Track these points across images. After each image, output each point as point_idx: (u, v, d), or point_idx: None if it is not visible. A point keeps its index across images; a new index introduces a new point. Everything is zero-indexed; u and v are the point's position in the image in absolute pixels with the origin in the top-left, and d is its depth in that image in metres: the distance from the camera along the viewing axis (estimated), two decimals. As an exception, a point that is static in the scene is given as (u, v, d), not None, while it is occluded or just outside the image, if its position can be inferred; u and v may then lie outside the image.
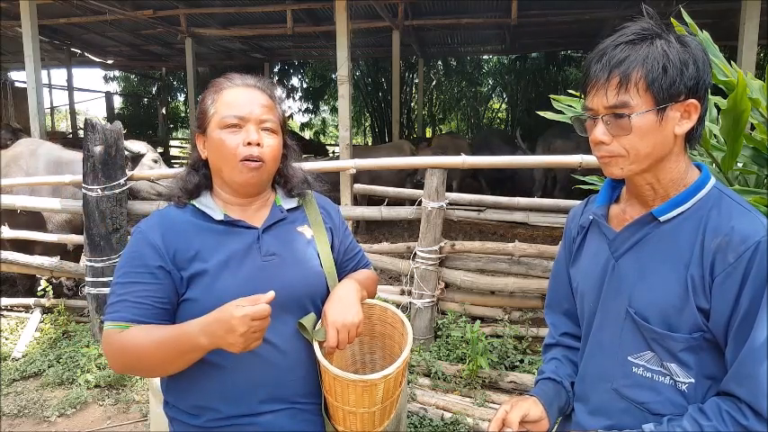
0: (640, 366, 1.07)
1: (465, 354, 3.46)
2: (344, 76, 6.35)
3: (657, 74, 0.96)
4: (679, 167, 1.05)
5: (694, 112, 1.00)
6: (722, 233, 0.97)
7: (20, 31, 7.17)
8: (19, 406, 3.26)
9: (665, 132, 1.00)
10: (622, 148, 1.01)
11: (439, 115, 18.10)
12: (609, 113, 1.00)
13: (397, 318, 1.31)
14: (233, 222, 1.28)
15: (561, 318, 1.34)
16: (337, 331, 1.21)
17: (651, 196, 1.07)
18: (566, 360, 1.29)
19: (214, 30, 10.64)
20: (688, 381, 1.02)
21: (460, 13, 9.53)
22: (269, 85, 1.33)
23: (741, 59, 5.62)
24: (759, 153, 1.65)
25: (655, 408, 1.05)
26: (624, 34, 1.01)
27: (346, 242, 1.45)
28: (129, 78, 20.04)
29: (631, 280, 1.07)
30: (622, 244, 1.10)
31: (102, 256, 3.87)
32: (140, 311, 1.18)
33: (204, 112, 1.28)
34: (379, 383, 1.17)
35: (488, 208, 3.81)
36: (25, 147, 4.76)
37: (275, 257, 1.28)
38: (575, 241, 1.25)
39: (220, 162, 1.26)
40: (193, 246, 1.25)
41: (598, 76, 1.00)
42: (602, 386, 1.14)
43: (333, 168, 4.34)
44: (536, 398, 1.19)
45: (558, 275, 1.33)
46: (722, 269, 0.95)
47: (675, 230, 1.03)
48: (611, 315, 1.11)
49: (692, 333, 0.99)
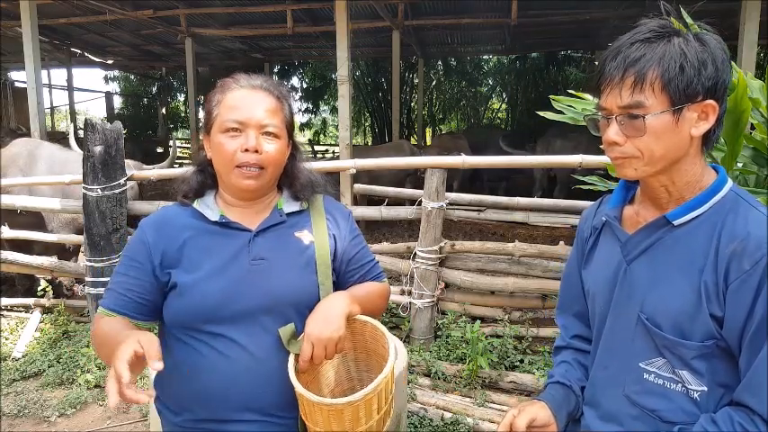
0: (652, 373, 1.04)
1: (465, 354, 3.46)
2: (344, 76, 6.35)
3: (674, 73, 0.93)
4: (695, 170, 1.01)
5: (712, 113, 0.96)
6: (738, 239, 0.93)
7: (20, 31, 7.17)
8: (19, 406, 3.25)
9: (681, 134, 0.96)
10: (636, 150, 0.98)
11: (439, 115, 18.08)
12: (623, 113, 0.97)
13: (385, 339, 1.22)
14: (228, 224, 1.28)
15: (572, 320, 1.31)
16: (312, 345, 1.16)
17: (665, 199, 1.04)
18: (576, 364, 1.26)
19: (214, 30, 10.63)
20: (700, 389, 0.99)
21: (460, 13, 9.52)
22: (276, 85, 1.30)
23: (741, 59, 5.61)
24: (759, 153, 1.65)
25: (666, 415, 1.02)
26: (641, 32, 0.98)
27: (352, 251, 1.38)
28: (129, 78, 20.02)
29: (643, 285, 1.04)
30: (635, 247, 1.07)
31: (102, 256, 3.87)
32: (121, 303, 1.24)
33: (209, 113, 1.27)
34: (344, 408, 1.09)
35: (488, 208, 3.81)
36: (23, 147, 4.75)
37: (264, 262, 1.25)
38: (587, 242, 1.22)
39: (220, 165, 1.26)
40: (184, 246, 1.25)
41: (613, 74, 0.97)
42: (613, 392, 1.11)
43: (333, 168, 4.34)
44: (544, 402, 1.16)
45: (570, 277, 1.29)
46: (737, 276, 0.92)
47: (689, 235, 1.00)
48: (622, 320, 1.08)
49: (705, 341, 0.96)
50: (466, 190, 4.65)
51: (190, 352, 1.23)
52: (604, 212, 1.17)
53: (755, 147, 1.64)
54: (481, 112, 17.72)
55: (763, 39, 6.61)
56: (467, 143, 9.14)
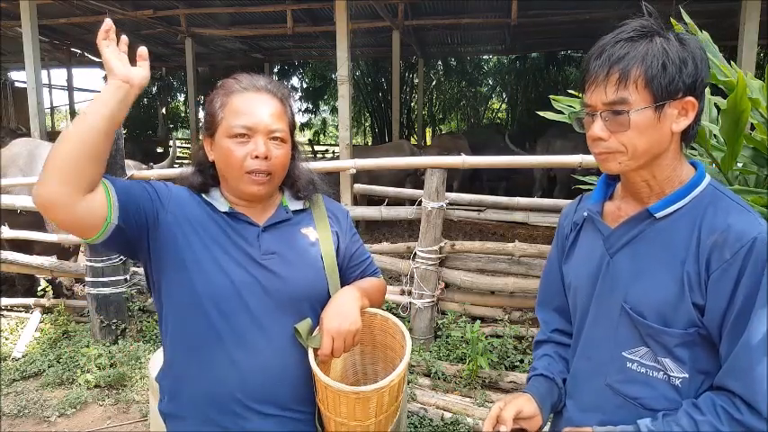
0: (635, 362, 1.07)
1: (465, 354, 3.46)
2: (344, 76, 6.35)
3: (657, 71, 0.97)
4: (675, 165, 1.06)
5: (692, 109, 1.01)
6: (718, 230, 0.98)
7: (20, 31, 7.17)
8: (19, 406, 3.26)
9: (663, 129, 1.00)
10: (620, 145, 1.01)
11: (439, 115, 18.08)
12: (607, 110, 1.00)
13: (398, 329, 1.27)
14: (236, 216, 1.27)
15: (552, 314, 1.35)
16: (332, 339, 1.18)
17: (647, 193, 1.08)
18: (557, 357, 1.29)
19: (214, 30, 10.63)
20: (682, 376, 1.03)
21: (460, 13, 9.53)
22: (279, 87, 1.30)
23: (741, 59, 5.61)
24: (759, 153, 1.65)
25: (648, 403, 1.06)
26: (624, 31, 1.01)
27: (353, 248, 1.41)
28: (129, 78, 20.00)
29: (627, 276, 1.08)
30: (618, 240, 1.10)
31: (102, 256, 3.87)
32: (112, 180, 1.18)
33: (212, 115, 1.26)
34: (371, 396, 1.13)
35: (488, 208, 3.81)
36: (23, 147, 4.75)
37: (275, 256, 1.26)
38: (568, 238, 1.26)
39: (226, 171, 1.25)
40: (193, 220, 1.25)
41: (597, 72, 1.01)
42: (595, 382, 1.14)
43: (333, 168, 4.34)
44: (529, 395, 1.20)
45: (550, 272, 1.34)
46: (718, 265, 0.96)
47: (671, 227, 1.04)
48: (605, 311, 1.12)
49: (688, 329, 1.00)
50: (466, 190, 4.66)
51: (205, 351, 1.21)
52: (585, 208, 1.20)
53: (755, 147, 1.64)
54: (481, 112, 17.72)
55: (763, 39, 6.61)
56: (467, 143, 9.15)
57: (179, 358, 1.26)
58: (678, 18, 1.55)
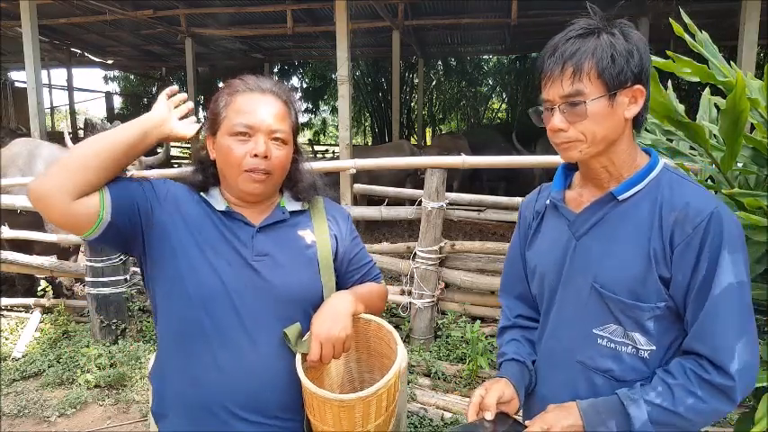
0: (604, 338, 1.14)
1: (465, 354, 3.46)
2: (344, 76, 6.35)
3: (607, 63, 1.04)
4: (630, 150, 1.13)
5: (640, 96, 1.09)
6: (678, 208, 1.06)
7: (20, 31, 7.17)
8: (19, 406, 3.26)
9: (617, 116, 1.08)
10: (580, 134, 1.08)
11: (439, 115, 18.08)
12: (565, 102, 1.07)
13: (392, 337, 1.23)
14: (232, 215, 1.27)
15: (515, 301, 1.40)
16: (321, 345, 1.16)
17: (606, 179, 1.15)
18: (524, 340, 1.34)
19: (214, 30, 10.63)
20: (650, 348, 1.10)
21: (460, 13, 9.52)
22: (284, 89, 1.30)
23: (741, 59, 5.61)
24: (759, 153, 1.65)
25: (619, 375, 1.12)
26: (573, 29, 1.10)
27: (352, 252, 1.39)
28: (129, 78, 20.02)
29: (595, 257, 1.14)
30: (583, 224, 1.17)
31: (102, 256, 3.88)
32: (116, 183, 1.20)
33: (216, 114, 1.26)
34: (355, 404, 1.09)
35: (488, 208, 3.81)
36: (23, 147, 4.75)
37: (267, 258, 1.24)
38: (530, 227, 1.33)
39: (225, 169, 1.25)
40: (189, 216, 1.25)
41: (552, 68, 1.08)
42: (566, 359, 1.19)
43: (333, 168, 4.34)
44: (506, 379, 1.23)
45: (513, 261, 1.39)
46: (681, 239, 1.04)
47: (633, 208, 1.11)
48: (574, 292, 1.17)
49: (657, 302, 1.07)
50: (466, 190, 4.66)
51: (191, 352, 1.20)
52: (548, 197, 1.27)
53: (755, 147, 1.64)
54: (481, 112, 17.72)
55: (763, 39, 6.61)
56: (467, 143, 9.14)
57: (166, 355, 1.26)
58: (678, 18, 1.56)
